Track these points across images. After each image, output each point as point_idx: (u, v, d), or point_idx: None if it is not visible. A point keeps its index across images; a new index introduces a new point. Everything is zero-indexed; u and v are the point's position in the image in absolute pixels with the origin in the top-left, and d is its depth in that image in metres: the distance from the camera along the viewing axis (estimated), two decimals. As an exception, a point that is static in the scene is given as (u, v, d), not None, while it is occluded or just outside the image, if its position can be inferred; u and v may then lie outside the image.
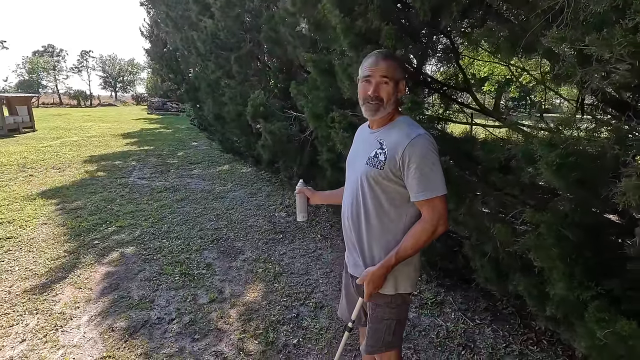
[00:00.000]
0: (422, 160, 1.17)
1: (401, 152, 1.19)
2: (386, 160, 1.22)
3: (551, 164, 1.04)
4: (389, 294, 1.30)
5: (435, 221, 1.20)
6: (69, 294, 2.82)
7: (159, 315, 2.57)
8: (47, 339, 2.30)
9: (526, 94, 12.13)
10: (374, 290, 1.28)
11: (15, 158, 8.09)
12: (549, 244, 1.22)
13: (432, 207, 1.19)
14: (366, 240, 1.31)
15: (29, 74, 46.48)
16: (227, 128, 7.05)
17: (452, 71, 2.93)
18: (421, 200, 1.20)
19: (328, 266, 3.33)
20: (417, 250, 1.25)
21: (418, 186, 1.19)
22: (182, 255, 3.49)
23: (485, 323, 2.48)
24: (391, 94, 1.24)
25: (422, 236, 1.21)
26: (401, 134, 1.22)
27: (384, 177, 1.23)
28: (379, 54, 1.26)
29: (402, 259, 1.24)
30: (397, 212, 1.26)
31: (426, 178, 1.18)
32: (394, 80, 1.24)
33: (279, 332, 2.42)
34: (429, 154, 1.18)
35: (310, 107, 3.26)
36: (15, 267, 3.21)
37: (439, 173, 1.20)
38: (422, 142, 1.19)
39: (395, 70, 1.24)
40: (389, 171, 1.22)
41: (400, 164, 1.20)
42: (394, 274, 1.28)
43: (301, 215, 1.72)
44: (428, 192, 1.18)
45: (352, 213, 1.35)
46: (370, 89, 1.24)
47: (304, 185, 1.74)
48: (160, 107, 25.43)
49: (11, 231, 4.00)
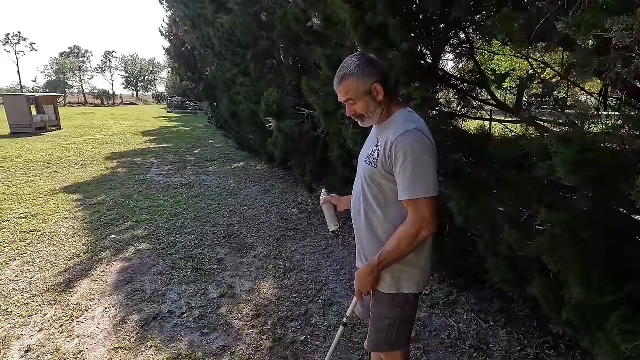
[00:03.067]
0: (409, 157, 1.11)
1: (389, 148, 1.15)
2: (379, 158, 1.19)
3: (567, 161, 0.98)
4: (390, 292, 1.27)
5: (418, 224, 1.14)
6: (86, 286, 2.90)
7: (170, 309, 2.61)
8: (63, 329, 2.38)
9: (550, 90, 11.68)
10: (362, 289, 1.28)
11: (41, 155, 8.42)
12: (565, 245, 1.15)
13: (415, 208, 1.14)
14: (365, 237, 1.29)
15: (56, 74, 48.33)
16: (243, 126, 7.11)
17: (469, 67, 2.85)
18: (405, 200, 1.15)
19: (339, 264, 3.31)
20: (402, 253, 1.19)
21: (403, 185, 1.14)
22: (194, 251, 3.54)
23: (499, 325, 2.40)
24: (366, 107, 1.20)
25: (404, 239, 1.16)
26: (392, 130, 1.18)
27: (377, 175, 1.21)
28: (336, 76, 1.22)
29: (387, 260, 1.20)
30: (392, 210, 1.23)
31: (411, 177, 1.12)
32: (360, 96, 1.19)
33: (287, 328, 2.41)
34: (416, 151, 1.12)
35: (321, 103, 3.24)
36: (36, 259, 3.33)
37: (426, 172, 1.12)
38: (410, 138, 1.12)
39: (356, 86, 1.18)
40: (381, 168, 1.19)
41: (389, 160, 1.16)
42: (395, 274, 1.25)
43: (332, 225, 1.65)
44: (411, 192, 1.12)
45: (355, 211, 1.33)
46: (346, 110, 1.24)
47: (327, 194, 1.70)
48: (179, 106, 25.96)
49: (35, 225, 4.15)
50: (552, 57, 2.77)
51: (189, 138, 11.92)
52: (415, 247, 1.19)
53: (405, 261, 1.23)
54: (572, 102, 2.71)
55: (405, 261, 1.23)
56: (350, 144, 2.96)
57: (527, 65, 6.82)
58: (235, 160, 8.10)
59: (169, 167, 7.42)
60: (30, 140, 10.83)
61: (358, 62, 1.18)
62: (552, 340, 2.22)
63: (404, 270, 1.25)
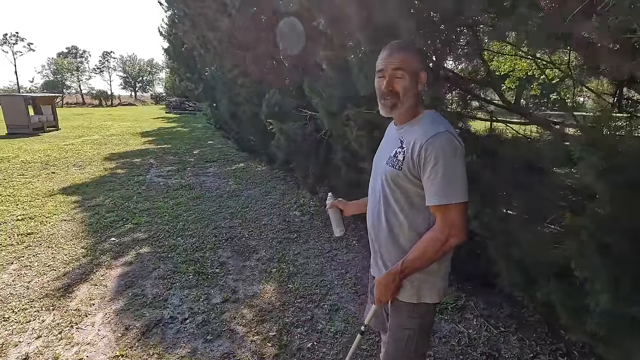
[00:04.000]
0: (440, 160, 1.06)
1: (418, 151, 1.09)
2: (404, 160, 1.13)
3: (594, 167, 0.93)
4: (411, 302, 1.21)
5: (447, 231, 1.08)
6: (85, 291, 2.83)
7: (172, 314, 2.55)
8: (62, 335, 2.31)
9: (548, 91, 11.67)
10: (382, 298, 1.22)
11: (39, 156, 8.33)
12: (591, 251, 1.10)
13: (444, 214, 1.08)
14: (385, 244, 1.23)
15: (53, 74, 48.11)
16: (243, 127, 7.05)
17: (473, 66, 2.80)
18: (434, 206, 1.10)
19: (343, 267, 3.25)
20: (427, 261, 1.13)
21: (432, 189, 1.08)
22: (196, 254, 3.48)
23: (510, 331, 2.35)
24: (408, 88, 1.13)
25: (431, 246, 1.11)
26: (421, 131, 1.12)
27: (402, 179, 1.14)
28: (394, 44, 1.16)
29: (410, 268, 1.15)
30: (418, 216, 1.17)
31: (443, 181, 1.06)
32: (411, 73, 1.13)
33: (293, 334, 2.35)
34: (448, 154, 1.06)
35: (324, 105, 3.19)
36: (34, 263, 3.26)
37: (458, 177, 1.07)
38: (442, 141, 1.07)
39: (412, 61, 1.13)
40: (407, 171, 1.12)
41: (417, 163, 1.10)
42: (415, 282, 1.19)
43: (338, 230, 1.61)
44: (442, 197, 1.07)
45: (374, 216, 1.27)
46: (384, 83, 1.14)
47: (334, 198, 1.64)
48: (177, 106, 25.86)
49: (32, 227, 4.08)
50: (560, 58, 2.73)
51: (187, 139, 11.85)
52: (442, 256, 1.13)
53: (427, 269, 1.17)
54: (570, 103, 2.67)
55: (427, 269, 1.17)
56: (355, 146, 2.91)
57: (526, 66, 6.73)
58: (235, 161, 8.04)
59: (169, 168, 7.35)
60: (28, 141, 10.73)
61: (414, 45, 1.15)
62: (564, 347, 2.17)
63: (425, 279, 1.19)
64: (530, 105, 10.98)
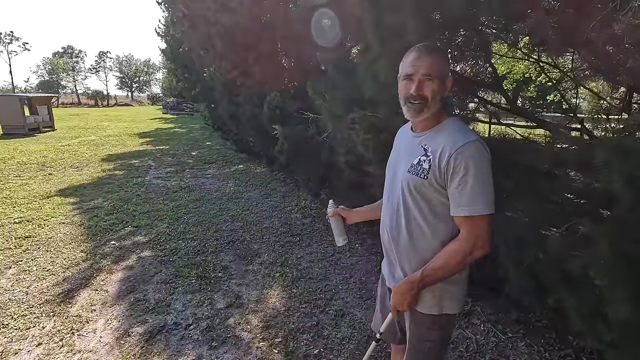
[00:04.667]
0: (470, 170, 1.03)
1: (446, 160, 1.06)
2: (430, 169, 1.09)
3: (625, 175, 0.91)
4: (433, 314, 1.18)
5: (472, 242, 1.06)
6: (86, 296, 2.78)
7: (176, 320, 2.51)
8: (64, 342, 2.26)
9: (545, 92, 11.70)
10: (400, 307, 1.19)
11: (35, 157, 8.24)
12: (612, 260, 1.08)
13: (471, 225, 1.06)
14: (405, 253, 1.20)
15: (49, 74, 47.74)
16: (242, 128, 7.02)
17: (479, 69, 2.79)
18: (460, 217, 1.07)
19: (347, 271, 3.22)
20: (449, 272, 1.11)
21: (460, 199, 1.06)
22: (198, 257, 3.43)
23: (517, 336, 2.33)
24: (436, 92, 1.10)
25: (455, 257, 1.08)
26: (449, 140, 1.08)
27: (427, 187, 1.11)
28: (422, 47, 1.13)
29: (430, 277, 1.12)
30: (441, 225, 1.14)
31: (471, 192, 1.04)
32: (440, 77, 1.10)
33: (299, 341, 2.32)
34: (478, 164, 1.03)
35: (328, 107, 3.16)
36: (33, 267, 3.20)
37: (487, 188, 1.05)
38: (473, 150, 1.04)
39: (441, 66, 1.11)
40: (433, 180, 1.09)
41: (445, 172, 1.07)
42: (437, 292, 1.16)
43: (341, 239, 1.56)
44: (470, 207, 1.04)
45: (392, 224, 1.23)
46: (413, 87, 1.11)
47: (335, 205, 1.60)
48: (175, 107, 25.76)
49: (30, 230, 4.01)
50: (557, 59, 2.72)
51: (185, 140, 11.78)
52: (465, 267, 1.11)
53: (449, 279, 1.14)
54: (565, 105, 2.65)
55: (449, 279, 1.14)
56: (361, 150, 2.89)
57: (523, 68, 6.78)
58: (234, 163, 7.99)
59: (167, 169, 7.29)
60: (23, 142, 10.62)
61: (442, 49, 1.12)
62: (573, 353, 2.16)
63: (447, 288, 1.16)
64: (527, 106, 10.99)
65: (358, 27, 2.38)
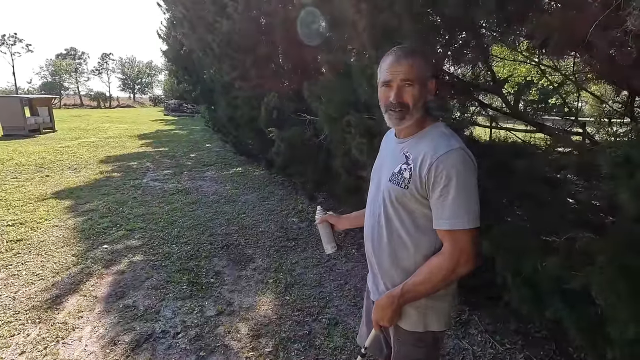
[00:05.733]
0: (452, 181, 0.96)
1: (427, 169, 0.99)
2: (411, 178, 1.02)
3: (632, 187, 0.84)
4: (417, 331, 1.12)
5: (456, 258, 0.98)
6: (74, 302, 2.72)
7: (164, 328, 2.44)
8: (47, 351, 2.19)
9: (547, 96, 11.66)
10: (379, 321, 1.12)
11: (33, 158, 8.21)
12: (614, 277, 1.01)
13: (454, 240, 0.98)
14: (387, 266, 1.13)
15: (52, 76, 47.92)
16: (241, 130, 6.97)
17: (477, 71, 2.72)
18: (442, 230, 1.00)
19: (342, 278, 3.15)
20: (432, 288, 1.03)
21: (441, 212, 0.98)
22: (191, 262, 3.37)
23: (516, 348, 2.25)
24: (418, 98, 1.03)
25: (437, 272, 1.01)
26: (430, 147, 1.01)
27: (409, 198, 1.04)
28: (399, 51, 1.05)
29: (412, 293, 1.05)
30: (423, 238, 1.07)
31: (453, 204, 0.96)
32: (420, 81, 1.03)
33: (290, 351, 2.25)
34: (461, 174, 0.96)
35: (324, 109, 3.10)
36: (22, 272, 3.14)
37: (471, 200, 0.97)
38: (455, 159, 0.97)
39: (421, 68, 1.03)
40: (414, 191, 1.02)
41: (426, 182, 1.00)
42: (421, 309, 1.09)
43: (330, 247, 1.50)
44: (452, 220, 0.97)
45: (373, 235, 1.17)
46: (392, 94, 1.04)
47: (323, 212, 1.53)
48: (176, 109, 25.79)
49: (22, 233, 3.96)
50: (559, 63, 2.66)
51: (185, 142, 11.75)
52: (448, 284, 1.04)
53: (434, 295, 1.08)
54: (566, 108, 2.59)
55: (433, 295, 1.08)
56: (356, 154, 2.82)
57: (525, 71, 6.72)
58: (233, 165, 7.93)
59: (165, 171, 7.24)
60: (23, 143, 10.61)
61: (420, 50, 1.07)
62: (573, 366, 2.08)
63: (431, 305, 1.10)
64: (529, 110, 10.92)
65: (353, 30, 2.32)
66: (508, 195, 1.71)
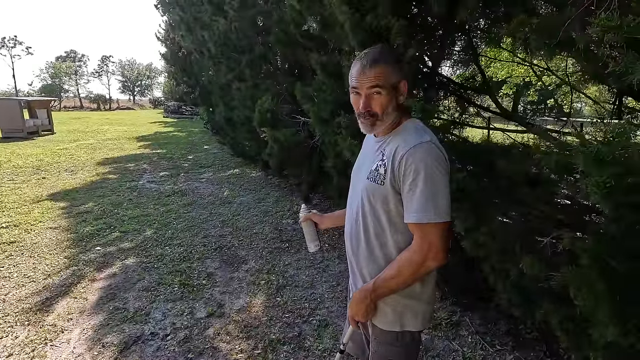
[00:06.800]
0: (420, 174, 0.95)
1: (398, 161, 0.99)
2: (386, 173, 1.02)
3: (602, 186, 0.83)
4: (393, 330, 1.11)
5: (424, 252, 0.98)
6: (64, 304, 2.71)
7: (153, 330, 2.43)
8: (35, 353, 2.18)
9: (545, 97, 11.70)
10: (354, 315, 1.12)
11: (31, 160, 8.21)
12: (593, 278, 1.00)
13: (423, 233, 0.98)
14: (365, 264, 1.13)
15: (51, 78, 48.01)
16: (238, 132, 6.97)
17: (470, 72, 2.72)
18: (412, 224, 0.99)
19: (334, 279, 3.13)
20: (403, 283, 1.03)
21: (410, 205, 0.98)
22: (183, 264, 3.36)
23: (506, 349, 2.24)
24: (387, 104, 1.03)
25: (406, 267, 1.00)
26: (402, 141, 1.02)
27: (385, 195, 1.03)
28: (365, 57, 1.03)
29: (383, 288, 1.05)
30: (400, 238, 1.06)
31: (421, 196, 0.96)
32: (389, 87, 1.02)
33: (279, 352, 2.23)
34: (429, 166, 0.96)
35: (316, 111, 3.10)
36: (14, 274, 3.14)
37: (440, 193, 0.96)
38: (424, 152, 0.97)
39: (389, 74, 1.01)
40: (389, 186, 1.02)
41: (397, 175, 1.00)
42: (399, 308, 1.09)
43: (313, 245, 1.51)
44: (420, 214, 0.96)
45: (352, 234, 1.17)
46: (361, 103, 1.04)
47: (308, 210, 1.53)
48: (175, 111, 25.81)
49: (15, 235, 3.95)
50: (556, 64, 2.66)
51: (183, 143, 11.75)
52: (418, 279, 1.03)
53: (410, 293, 1.07)
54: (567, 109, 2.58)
55: (410, 294, 1.07)
56: (347, 155, 2.81)
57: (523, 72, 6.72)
58: (230, 167, 7.92)
59: (162, 173, 7.23)
60: (21, 145, 10.61)
61: (390, 52, 1.05)
62: (564, 368, 2.06)
63: (408, 304, 1.09)
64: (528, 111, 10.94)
65: (341, 31, 2.32)
66: (493, 196, 1.70)
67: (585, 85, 2.46)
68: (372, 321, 1.15)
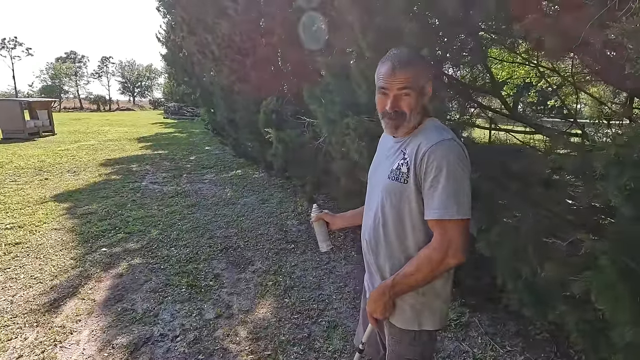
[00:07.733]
0: (443, 170, 0.96)
1: (420, 158, 1.00)
2: (409, 171, 1.03)
3: (623, 189, 0.83)
4: (411, 329, 1.11)
5: (444, 249, 0.98)
6: (72, 305, 2.70)
7: (163, 331, 2.43)
8: (45, 355, 2.18)
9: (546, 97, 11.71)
10: (373, 313, 1.12)
11: (32, 161, 8.20)
12: (612, 279, 1.01)
13: (443, 230, 0.98)
14: (385, 264, 1.13)
15: (52, 79, 47.95)
16: (240, 133, 6.97)
17: (476, 74, 2.73)
18: (432, 220, 1.00)
19: (342, 280, 3.14)
20: (422, 280, 1.03)
21: (432, 202, 0.99)
22: (189, 265, 3.35)
23: (516, 350, 2.24)
24: (415, 105, 1.03)
25: (426, 264, 1.01)
26: (423, 138, 1.03)
27: (408, 193, 1.04)
28: (394, 59, 1.03)
29: (402, 285, 1.05)
30: (422, 236, 1.07)
31: (443, 193, 0.96)
32: (417, 89, 1.03)
33: (289, 354, 2.23)
34: (452, 163, 0.96)
35: (323, 111, 3.10)
36: (20, 275, 3.13)
37: (461, 191, 0.97)
38: (446, 149, 0.98)
39: (418, 76, 1.02)
40: (412, 184, 1.02)
41: (419, 172, 1.01)
42: (416, 306, 1.09)
43: (325, 245, 1.53)
44: (441, 211, 0.97)
45: (371, 234, 1.16)
46: (388, 103, 1.04)
47: (319, 210, 1.54)
48: (176, 112, 25.79)
49: (21, 236, 3.95)
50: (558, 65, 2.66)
51: (185, 144, 11.74)
52: (437, 276, 1.04)
53: (430, 292, 1.08)
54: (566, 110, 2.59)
55: (429, 292, 1.07)
56: (355, 156, 2.82)
57: (524, 73, 6.69)
58: (233, 168, 7.92)
59: (164, 174, 7.23)
60: (22, 146, 10.60)
61: (418, 54, 1.07)
62: (574, 369, 2.07)
63: (427, 303, 1.09)
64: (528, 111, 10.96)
65: (351, 33, 2.33)
66: (506, 197, 1.70)
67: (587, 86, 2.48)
68: (389, 320, 1.16)
